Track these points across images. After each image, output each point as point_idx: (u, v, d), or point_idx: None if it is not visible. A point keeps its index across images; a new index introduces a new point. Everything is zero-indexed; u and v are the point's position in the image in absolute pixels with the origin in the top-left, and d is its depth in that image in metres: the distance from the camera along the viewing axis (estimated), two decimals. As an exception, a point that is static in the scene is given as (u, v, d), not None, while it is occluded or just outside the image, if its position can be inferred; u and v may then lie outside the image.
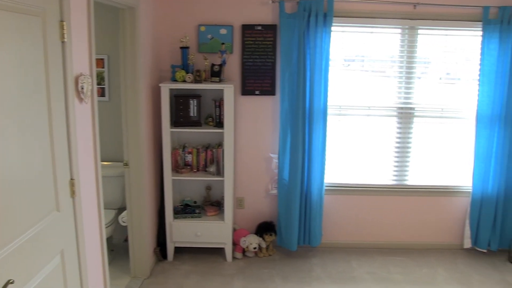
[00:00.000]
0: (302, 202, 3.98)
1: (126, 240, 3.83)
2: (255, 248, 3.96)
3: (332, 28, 3.81)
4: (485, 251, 4.19)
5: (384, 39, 4.00)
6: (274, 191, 4.10)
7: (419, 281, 3.71)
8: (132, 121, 3.34)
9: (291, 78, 3.78)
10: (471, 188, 4.10)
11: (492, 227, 4.12)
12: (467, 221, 4.17)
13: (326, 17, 3.75)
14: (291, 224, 3.94)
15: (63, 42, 2.10)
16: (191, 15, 3.87)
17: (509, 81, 3.87)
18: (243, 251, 4.03)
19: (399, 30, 4.00)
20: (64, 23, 2.09)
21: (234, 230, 4.06)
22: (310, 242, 4.06)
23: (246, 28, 3.87)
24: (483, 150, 4.00)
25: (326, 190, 4.08)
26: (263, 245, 4.01)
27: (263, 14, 3.86)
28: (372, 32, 3.98)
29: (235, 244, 4.00)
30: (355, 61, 4.11)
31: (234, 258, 3.98)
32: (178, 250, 3.99)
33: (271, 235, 4.04)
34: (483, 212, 4.09)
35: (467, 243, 4.20)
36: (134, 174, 3.42)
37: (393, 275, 3.81)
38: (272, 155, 4.07)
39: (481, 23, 3.86)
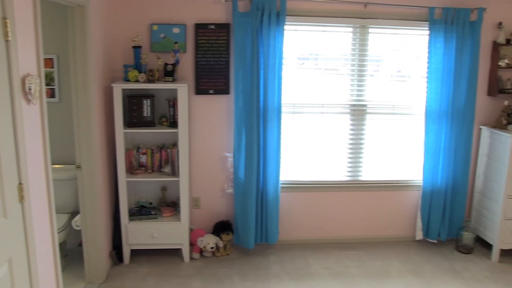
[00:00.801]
0: (258, 201, 4.10)
1: (80, 244, 3.83)
2: (212, 247, 4.05)
3: (285, 27, 3.96)
4: (435, 241, 4.46)
5: (336, 38, 4.19)
6: (230, 190, 4.20)
7: (375, 274, 3.92)
8: (84, 123, 3.35)
9: (245, 77, 3.89)
10: (421, 181, 4.36)
11: (441, 218, 4.39)
12: (419, 214, 4.42)
13: (279, 16, 3.87)
14: (247, 222, 4.05)
15: (7, 40, 2.08)
16: (143, 14, 3.91)
17: (454, 79, 4.13)
18: (201, 251, 4.12)
19: (351, 29, 4.18)
20: (8, 20, 2.06)
21: (191, 230, 4.13)
22: (267, 240, 4.20)
23: (199, 27, 3.94)
24: (432, 145, 4.25)
25: (282, 187, 4.23)
26: (221, 244, 4.11)
27: (216, 13, 3.95)
28: (324, 31, 4.15)
29: (192, 244, 4.08)
30: (309, 59, 4.25)
31: (191, 258, 4.06)
32: (135, 253, 4.02)
33: (228, 234, 4.14)
34: (433, 204, 4.35)
35: (419, 235, 4.46)
36: (87, 177, 3.44)
37: (349, 269, 4.00)
38: (227, 154, 4.17)
39: (427, 23, 4.10)
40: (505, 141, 4.05)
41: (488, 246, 4.35)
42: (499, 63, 4.24)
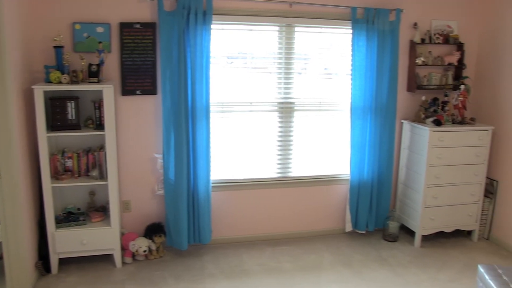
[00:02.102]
0: (190, 201, 4.23)
1: (1, 257, 3.73)
2: (145, 251, 4.12)
3: (212, 26, 4.11)
4: (364, 232, 4.82)
5: (264, 37, 4.38)
6: (161, 192, 4.28)
7: (307, 267, 4.18)
8: (2, 127, 3.29)
9: (172, 77, 3.99)
10: (349, 175, 4.68)
11: (368, 210, 4.75)
12: (347, 207, 4.75)
13: (205, 15, 4.00)
14: (179, 223, 4.16)
15: None
16: (64, 12, 3.89)
17: (376, 75, 4.48)
18: (133, 255, 4.17)
19: (277, 28, 4.39)
20: None
21: (122, 234, 4.17)
22: (201, 240, 4.33)
23: (124, 26, 3.98)
24: (357, 140, 4.58)
25: (213, 187, 4.39)
26: (153, 247, 4.18)
27: (142, 12, 4.00)
28: (251, 30, 4.32)
29: (124, 249, 4.12)
30: (238, 58, 4.41)
31: (124, 263, 4.10)
32: (63, 262, 4.00)
33: (160, 236, 4.22)
34: (361, 197, 4.70)
35: (348, 227, 4.79)
36: (7, 185, 3.38)
37: (282, 264, 4.23)
38: (156, 155, 4.24)
39: (350, 22, 4.40)
40: (424, 134, 4.46)
41: (411, 233, 4.77)
42: (416, 61, 4.66)
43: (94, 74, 3.79)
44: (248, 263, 4.24)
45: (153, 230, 4.26)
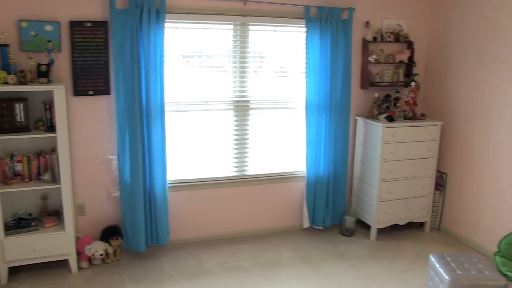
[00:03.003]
0: (147, 202, 4.21)
1: None
2: (101, 254, 4.07)
3: (166, 25, 4.09)
4: (321, 228, 4.94)
5: (219, 35, 4.40)
6: (117, 193, 4.24)
7: (266, 265, 4.25)
8: None
9: (126, 76, 3.96)
10: (305, 172, 4.78)
11: (325, 206, 4.87)
12: (304, 203, 4.86)
13: (159, 14, 3.99)
14: (136, 225, 4.14)
15: None
16: (9, 8, 3.76)
17: (330, 73, 4.59)
18: (89, 260, 4.12)
19: (232, 26, 4.42)
20: None
21: (78, 238, 4.11)
22: (158, 241, 4.32)
23: (75, 25, 3.91)
24: (313, 137, 4.69)
25: (170, 187, 4.39)
26: (110, 250, 4.14)
27: (93, 10, 3.95)
28: (206, 28, 4.33)
29: (79, 253, 4.06)
30: (194, 57, 4.41)
31: (80, 268, 4.04)
32: (15, 270, 3.89)
33: (117, 239, 4.19)
34: (317, 193, 4.81)
35: (306, 223, 4.89)
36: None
37: (241, 262, 4.28)
38: (111, 156, 4.20)
39: (304, 20, 4.47)
40: (377, 130, 4.61)
41: (367, 227, 4.94)
42: (369, 59, 4.81)
43: (43, 74, 3.70)
44: (207, 263, 4.27)
45: (110, 233, 4.21)
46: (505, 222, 4.29)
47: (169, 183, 4.40)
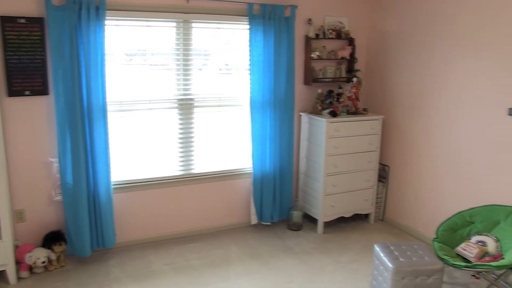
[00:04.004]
0: (91, 205, 4.13)
1: None
2: (44, 262, 3.95)
3: (107, 22, 4.02)
4: (269, 223, 5.03)
5: (162, 33, 4.36)
6: (59, 197, 4.13)
7: (215, 262, 4.29)
8: None
9: (65, 76, 3.86)
10: (251, 169, 4.83)
11: (272, 201, 4.96)
12: (252, 200, 4.93)
13: (98, 10, 3.91)
14: (81, 229, 4.06)
15: None
16: None
17: (274, 70, 4.67)
18: (30, 269, 3.98)
19: (174, 24, 4.39)
20: None
21: (17, 247, 3.95)
22: (104, 245, 4.25)
23: (6, 21, 3.76)
24: (258, 133, 4.76)
25: (114, 188, 4.33)
26: (53, 257, 4.02)
27: (27, 5, 3.82)
28: (149, 26, 4.28)
29: (19, 262, 3.93)
30: (137, 55, 4.34)
31: (19, 278, 3.91)
32: None
33: (60, 244, 4.08)
34: (264, 189, 4.89)
35: (254, 220, 4.96)
36: None
37: (190, 261, 4.29)
38: (51, 159, 4.07)
39: (247, 17, 4.52)
40: (321, 125, 4.74)
41: (314, 221, 5.08)
42: (312, 55, 4.93)
43: (-27, 74, 3.53)
44: (155, 264, 4.24)
45: (52, 239, 4.08)
46: (443, 210, 4.55)
47: (114, 185, 4.33)
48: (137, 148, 4.50)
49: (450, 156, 4.46)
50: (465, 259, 3.60)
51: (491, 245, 3.66)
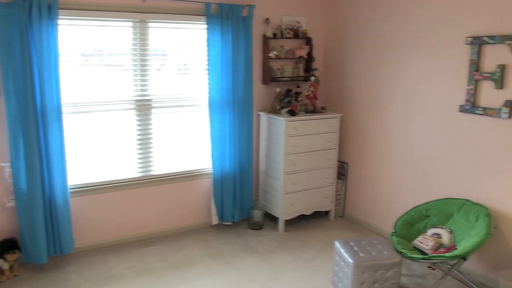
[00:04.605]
0: (47, 210, 4.04)
1: None
2: (-4, 272, 3.82)
3: (60, 22, 3.94)
4: (230, 223, 5.06)
5: (118, 33, 4.30)
6: (12, 204, 4.01)
7: (177, 264, 4.28)
8: None
9: (16, 77, 3.76)
10: (211, 169, 4.84)
11: (233, 201, 4.99)
12: (212, 200, 4.94)
13: (50, 9, 3.83)
14: (36, 236, 3.96)
15: None
16: None
17: (232, 69, 4.70)
18: (-19, 279, 3.83)
19: (131, 24, 4.34)
20: None
21: (-34, 256, 3.80)
22: (62, 251, 4.16)
23: (-47, 21, 3.60)
24: (217, 133, 4.78)
25: (72, 192, 4.25)
26: (6, 266, 3.90)
27: (-29, 4, 3.66)
28: (104, 26, 4.22)
29: (-32, 273, 3.76)
30: (94, 55, 4.27)
31: (-31, 290, 3.75)
32: None
33: (14, 253, 3.96)
34: (224, 189, 4.91)
35: (215, 220, 4.98)
36: None
37: (152, 264, 4.26)
38: (3, 164, 3.94)
39: (205, 17, 4.52)
40: (280, 124, 4.80)
41: (275, 220, 5.13)
42: (270, 55, 4.99)
43: None
44: (116, 268, 4.18)
45: (5, 248, 3.94)
46: (401, 205, 4.70)
47: (71, 188, 4.24)
48: (94, 151, 4.42)
49: (406, 152, 4.62)
50: (422, 252, 3.75)
51: (445, 237, 3.82)
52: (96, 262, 4.28)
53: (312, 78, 5.10)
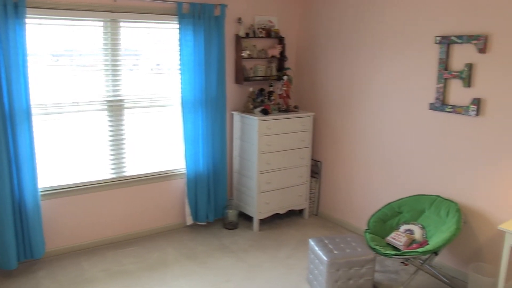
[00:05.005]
0: (16, 214, 3.98)
1: None
2: (-37, 278, 3.72)
3: (28, 21, 3.87)
4: (204, 223, 5.08)
5: (89, 32, 4.26)
6: (-20, 208, 3.91)
7: (153, 266, 4.27)
8: None
9: (-17, 78, 3.67)
10: (185, 169, 4.83)
11: (207, 201, 5.00)
12: (186, 200, 4.94)
13: (17, 8, 3.76)
14: (5, 241, 3.90)
15: None
16: None
17: (205, 69, 4.71)
18: None
19: (102, 23, 4.30)
20: None
21: None
22: (33, 255, 4.11)
23: None
24: (190, 133, 4.79)
25: (42, 195, 4.19)
26: (-26, 271, 3.80)
27: None
28: (74, 25, 4.16)
29: None
30: (64, 55, 4.21)
31: None
32: None
33: (-18, 259, 3.86)
34: (198, 189, 4.92)
35: (189, 220, 4.99)
36: None
37: (126, 266, 4.23)
38: (-29, 167, 3.85)
39: (177, 16, 4.51)
40: (253, 123, 4.84)
41: (249, 219, 5.17)
42: (242, 54, 5.01)
43: None
44: (90, 271, 4.14)
45: (-27, 253, 3.87)
46: (374, 202, 4.79)
47: (42, 191, 4.18)
48: (65, 152, 4.35)
49: (379, 150, 4.71)
50: (395, 248, 3.83)
51: (417, 233, 3.92)
52: (69, 266, 4.23)
53: (285, 77, 5.14)
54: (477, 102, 3.77)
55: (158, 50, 4.69)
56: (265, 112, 4.86)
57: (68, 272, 4.13)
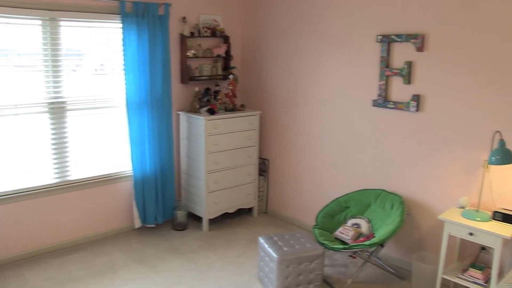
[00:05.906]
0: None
1: None
2: None
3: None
4: (153, 226, 5.06)
5: (26, 31, 4.12)
6: None
7: (101, 271, 4.23)
8: None
9: None
10: (131, 171, 4.81)
11: (155, 203, 5.00)
12: (134, 203, 4.91)
13: None
14: None
15: None
16: None
17: (150, 69, 4.70)
18: None
19: (40, 22, 4.18)
20: None
21: None
22: (-29, 266, 3.93)
23: None
24: (136, 135, 4.77)
25: (-20, 203, 4.00)
26: None
27: None
28: (9, 23, 4.02)
29: None
30: (0, 55, 4.06)
31: None
32: None
33: None
34: (146, 191, 4.91)
35: (137, 223, 4.96)
36: None
37: (73, 273, 4.18)
38: None
39: (120, 16, 4.47)
40: (199, 123, 4.88)
41: (199, 219, 5.21)
42: (187, 54, 5.03)
43: None
44: (32, 281, 4.02)
45: None
46: (322, 198, 4.95)
47: (-21, 199, 4.03)
48: (4, 158, 4.20)
49: (325, 147, 4.87)
50: (343, 242, 3.99)
51: (364, 226, 4.11)
52: (10, 277, 4.08)
53: (231, 76, 5.21)
54: (416, 98, 3.99)
55: (101, 50, 4.63)
56: (211, 112, 4.91)
57: (9, 283, 3.97)
